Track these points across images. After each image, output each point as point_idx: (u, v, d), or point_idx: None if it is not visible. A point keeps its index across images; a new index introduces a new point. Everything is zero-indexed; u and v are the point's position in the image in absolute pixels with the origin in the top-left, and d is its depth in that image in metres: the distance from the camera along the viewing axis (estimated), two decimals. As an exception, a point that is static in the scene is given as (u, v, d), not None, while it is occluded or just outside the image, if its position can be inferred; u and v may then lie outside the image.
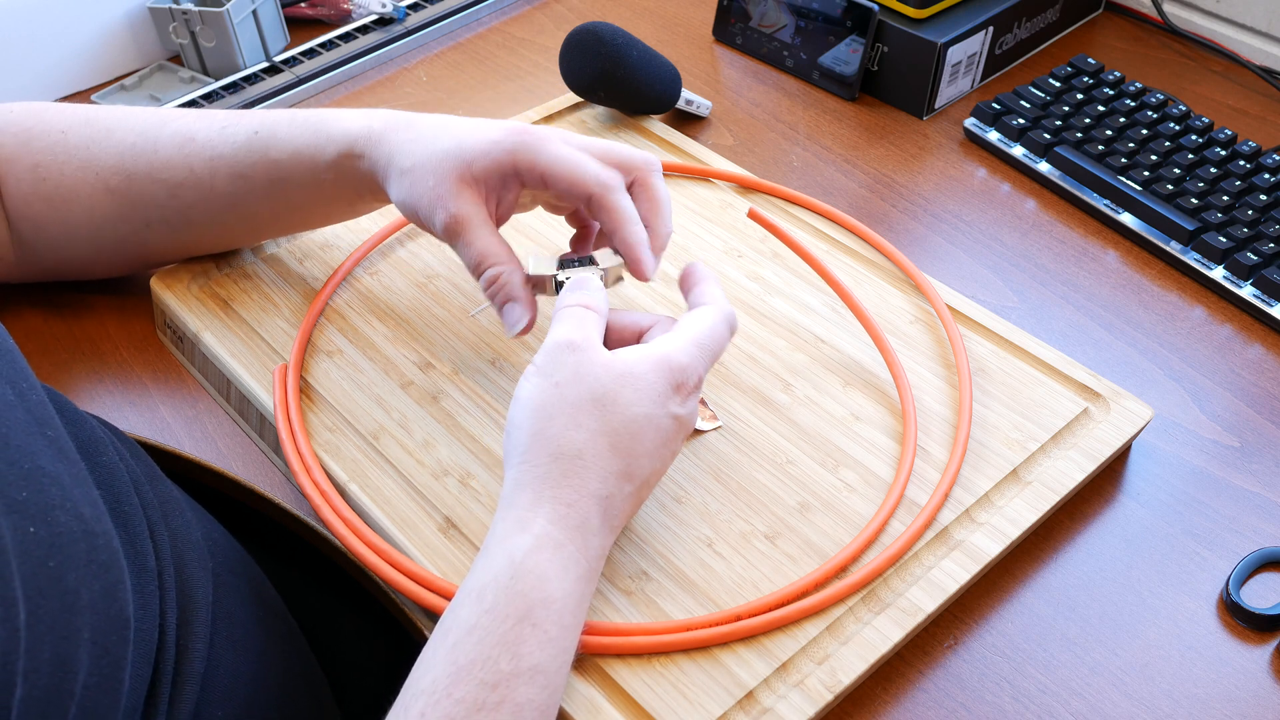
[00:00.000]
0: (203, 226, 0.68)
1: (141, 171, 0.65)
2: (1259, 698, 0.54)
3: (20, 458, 0.40)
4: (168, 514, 0.51)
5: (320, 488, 0.58)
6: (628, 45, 0.81)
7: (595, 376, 0.51)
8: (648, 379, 0.51)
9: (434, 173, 0.59)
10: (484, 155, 0.59)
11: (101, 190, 0.66)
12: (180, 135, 0.66)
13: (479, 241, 0.59)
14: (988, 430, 0.62)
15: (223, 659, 0.50)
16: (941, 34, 0.88)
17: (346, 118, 0.64)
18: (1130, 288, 0.76)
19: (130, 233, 0.68)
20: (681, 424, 0.53)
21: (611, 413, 0.50)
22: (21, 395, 0.44)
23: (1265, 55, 0.96)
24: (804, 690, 0.51)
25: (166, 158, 0.65)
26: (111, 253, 0.69)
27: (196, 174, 0.65)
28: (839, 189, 0.84)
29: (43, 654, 0.37)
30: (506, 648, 0.45)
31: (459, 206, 0.58)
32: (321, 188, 0.65)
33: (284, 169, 0.64)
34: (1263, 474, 0.64)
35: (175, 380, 0.68)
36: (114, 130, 0.66)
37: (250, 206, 0.66)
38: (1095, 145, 0.83)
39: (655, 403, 0.51)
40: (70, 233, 0.67)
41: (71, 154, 0.66)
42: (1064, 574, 0.59)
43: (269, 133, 0.64)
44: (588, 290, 0.56)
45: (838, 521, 0.58)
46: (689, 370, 0.52)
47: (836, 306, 0.69)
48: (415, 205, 0.60)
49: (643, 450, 0.51)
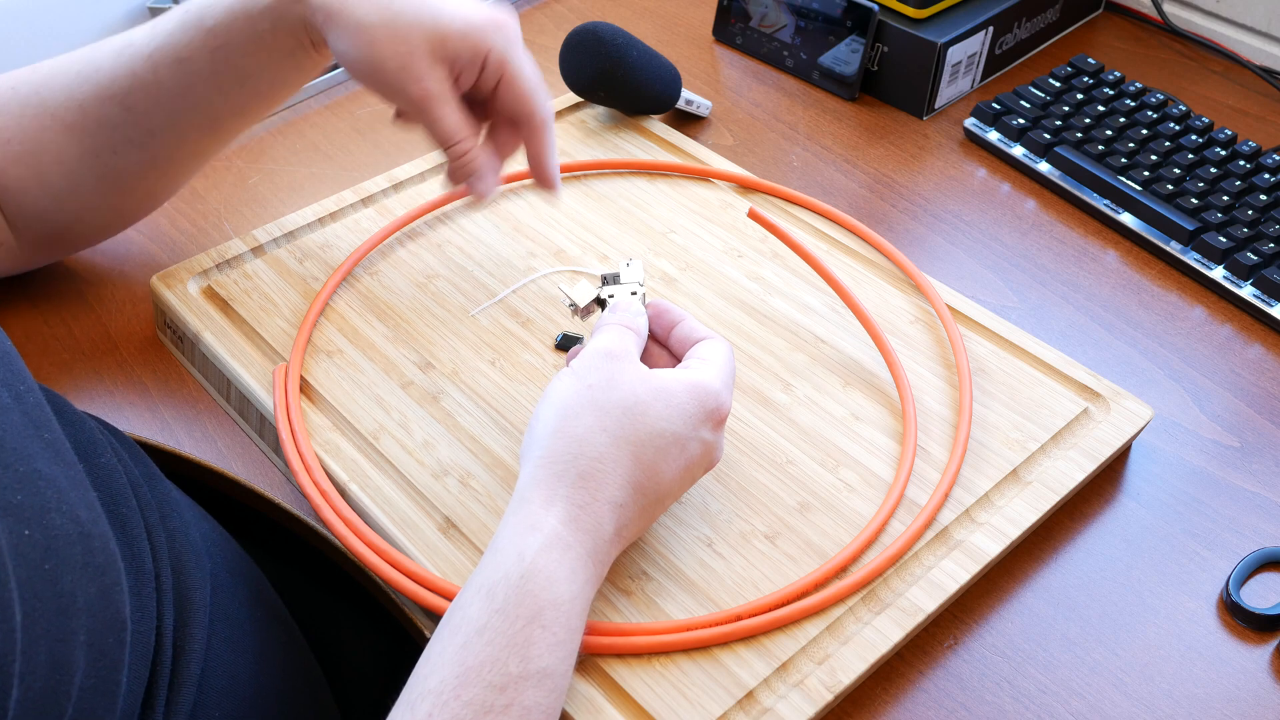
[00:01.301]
0: (165, 134, 0.66)
1: (90, 95, 0.64)
2: (1259, 698, 0.54)
3: (16, 460, 0.40)
4: (165, 515, 0.51)
5: (320, 488, 0.58)
6: (628, 45, 0.81)
7: (630, 386, 0.51)
8: (681, 398, 0.51)
9: (404, 39, 0.58)
10: (462, 35, 0.58)
11: (62, 131, 0.65)
12: (116, 44, 0.65)
13: (450, 117, 0.60)
14: (988, 430, 0.62)
15: (220, 660, 0.50)
16: (941, 34, 0.88)
17: None
18: (1130, 288, 0.76)
19: (103, 169, 0.66)
20: (708, 451, 0.53)
21: (640, 423, 0.50)
22: (18, 398, 0.44)
23: (1265, 55, 0.96)
24: (804, 690, 0.51)
25: (110, 71, 0.64)
26: (93, 198, 0.68)
27: (140, 75, 0.64)
28: (839, 189, 0.84)
29: (39, 656, 0.37)
30: (516, 650, 0.45)
31: (432, 81, 0.59)
32: (262, 45, 0.62)
33: (220, 35, 0.62)
34: (1263, 474, 0.64)
35: (175, 380, 0.68)
36: (57, 68, 0.65)
37: (199, 91, 0.64)
38: (1095, 145, 0.83)
39: (686, 423, 0.51)
40: (48, 189, 0.66)
41: (25, 106, 0.65)
42: (1064, 574, 0.59)
43: (199, 7, 0.63)
44: (629, 313, 0.56)
45: (838, 521, 0.58)
46: (722, 399, 0.52)
47: (836, 306, 0.69)
48: (376, 66, 0.59)
49: (665, 467, 0.50)
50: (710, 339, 0.56)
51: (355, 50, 0.59)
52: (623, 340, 0.53)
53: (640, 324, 0.56)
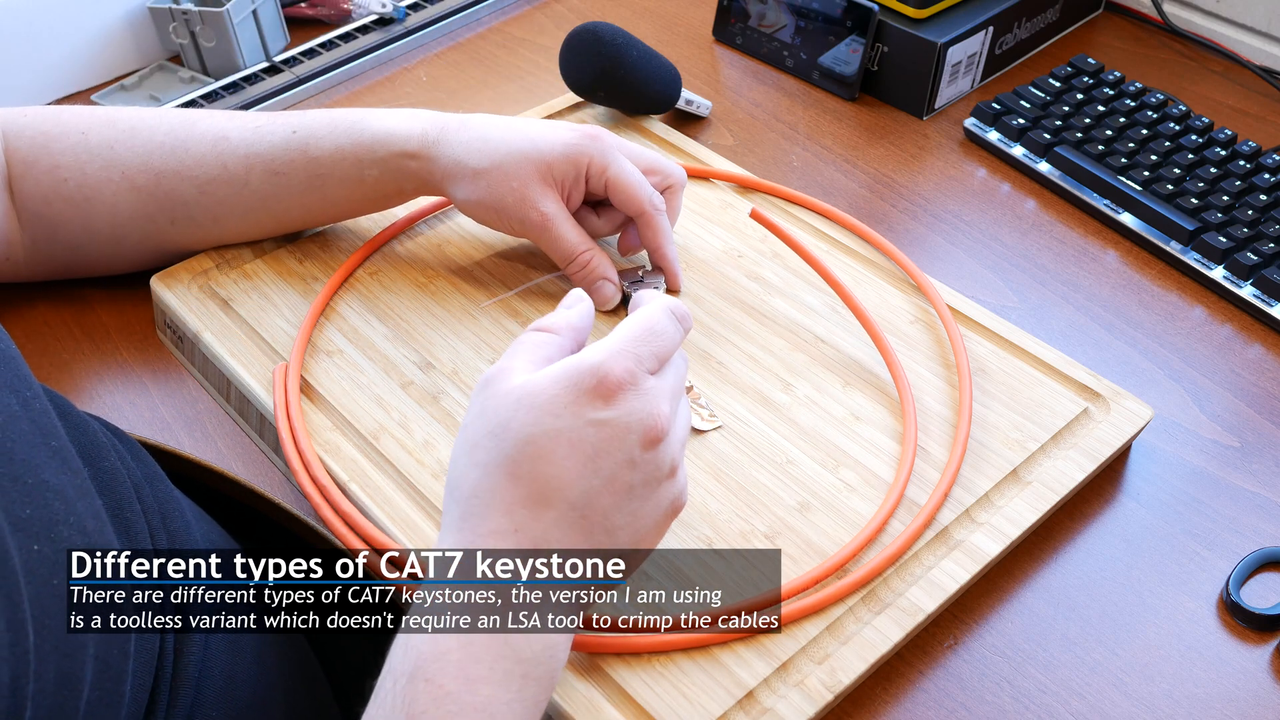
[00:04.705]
0: (230, 221, 0.69)
1: (170, 169, 0.66)
2: (1259, 698, 0.54)
3: (24, 472, 0.40)
4: (167, 517, 0.51)
5: (320, 487, 0.58)
6: (628, 45, 0.81)
7: (494, 408, 0.47)
8: (546, 394, 0.46)
9: (515, 175, 0.64)
10: (562, 159, 0.64)
11: (126, 189, 0.67)
12: (212, 133, 0.67)
13: (568, 235, 0.66)
14: (988, 430, 0.62)
15: (217, 661, 0.50)
16: (941, 34, 0.88)
17: (389, 118, 0.66)
18: (1130, 288, 0.76)
19: (154, 230, 0.68)
20: (616, 431, 0.47)
21: (506, 440, 0.46)
22: (25, 404, 0.44)
23: (1265, 55, 0.96)
24: (804, 690, 0.51)
25: (198, 155, 0.66)
26: (131, 249, 0.70)
27: (230, 170, 0.66)
28: (839, 189, 0.84)
29: (48, 675, 0.37)
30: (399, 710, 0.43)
31: (546, 205, 0.65)
32: (363, 185, 0.67)
33: (324, 166, 0.66)
34: (1263, 474, 0.64)
35: (175, 380, 0.68)
36: (138, 130, 0.67)
37: (284, 202, 0.68)
38: (1095, 145, 0.83)
39: (559, 416, 0.46)
40: (91, 231, 0.68)
41: (94, 154, 0.66)
42: (1064, 574, 0.59)
43: (307, 131, 0.66)
44: (558, 312, 0.52)
45: (838, 521, 0.58)
46: (607, 369, 0.47)
47: (836, 306, 0.69)
48: (496, 204, 0.65)
49: (556, 470, 0.46)
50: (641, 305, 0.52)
51: (476, 194, 0.65)
52: (509, 357, 0.49)
53: (561, 320, 0.51)
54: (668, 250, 0.68)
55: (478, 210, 0.66)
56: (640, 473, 0.47)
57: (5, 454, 0.40)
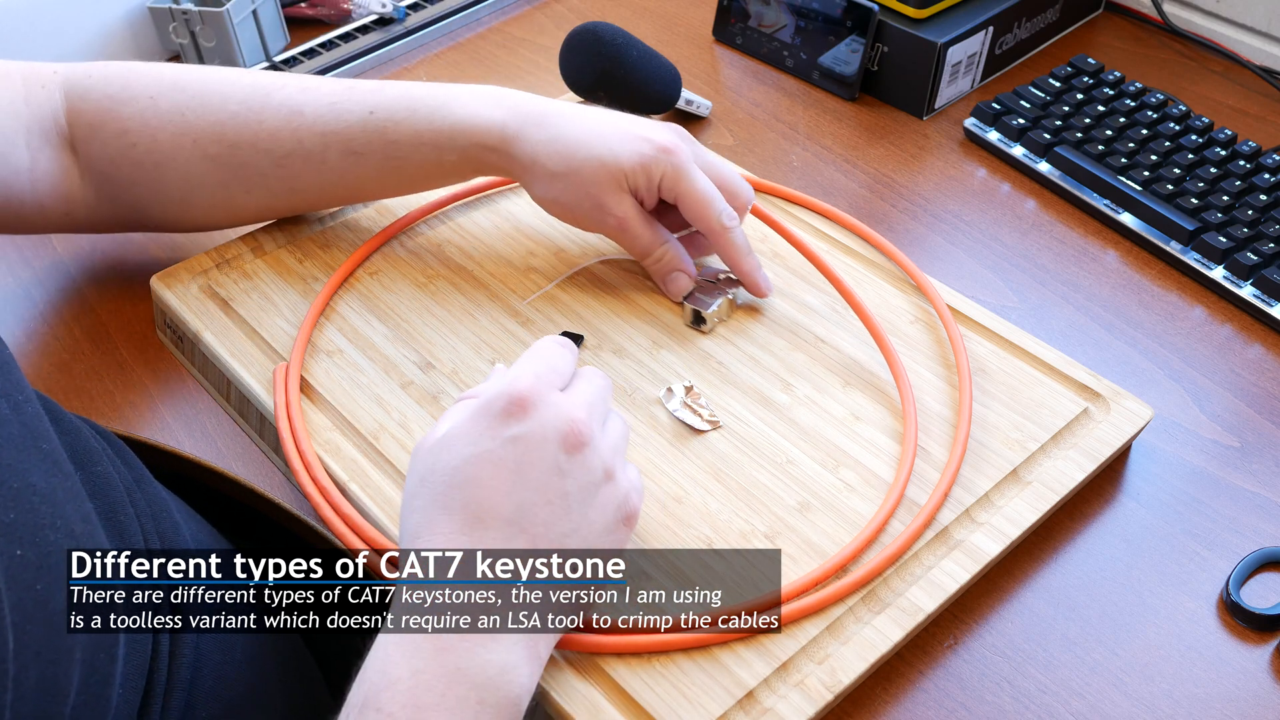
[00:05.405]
0: (306, 193, 0.69)
1: (246, 142, 0.66)
2: (1259, 698, 0.54)
3: (10, 477, 0.40)
4: (158, 518, 0.51)
5: (320, 487, 0.58)
6: (628, 45, 0.81)
7: (421, 459, 0.49)
8: (460, 429, 0.49)
9: (591, 181, 0.65)
10: (638, 169, 0.65)
11: (199, 157, 0.66)
12: (287, 108, 0.66)
13: (644, 234, 0.67)
14: (988, 430, 0.62)
15: (210, 662, 0.50)
16: (941, 34, 0.88)
17: (471, 103, 0.66)
18: (1130, 288, 0.76)
19: (227, 197, 0.68)
20: (532, 441, 0.48)
21: (434, 479, 0.48)
22: (16, 408, 0.44)
23: (1265, 55, 0.96)
24: (804, 690, 0.51)
25: (273, 129, 0.66)
26: (201, 213, 0.69)
27: (306, 147, 0.66)
28: (839, 189, 0.84)
29: (28, 681, 0.36)
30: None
31: (622, 210, 0.66)
32: (441, 167, 0.67)
33: (403, 149, 0.66)
34: (1263, 474, 0.64)
35: (175, 380, 0.68)
36: (208, 97, 0.66)
37: (361, 179, 0.68)
38: (1095, 145, 0.83)
39: (476, 442, 0.48)
40: (162, 193, 0.67)
41: (164, 120, 0.66)
42: (1064, 574, 0.59)
43: (386, 114, 0.66)
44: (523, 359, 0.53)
45: (838, 521, 0.58)
46: (511, 388, 0.49)
47: (837, 306, 0.69)
48: (572, 207, 0.66)
49: (485, 491, 0.47)
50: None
51: (552, 195, 0.66)
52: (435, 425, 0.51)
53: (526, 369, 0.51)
54: (744, 263, 0.68)
55: (553, 209, 0.67)
56: (572, 480, 0.49)
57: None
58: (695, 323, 0.67)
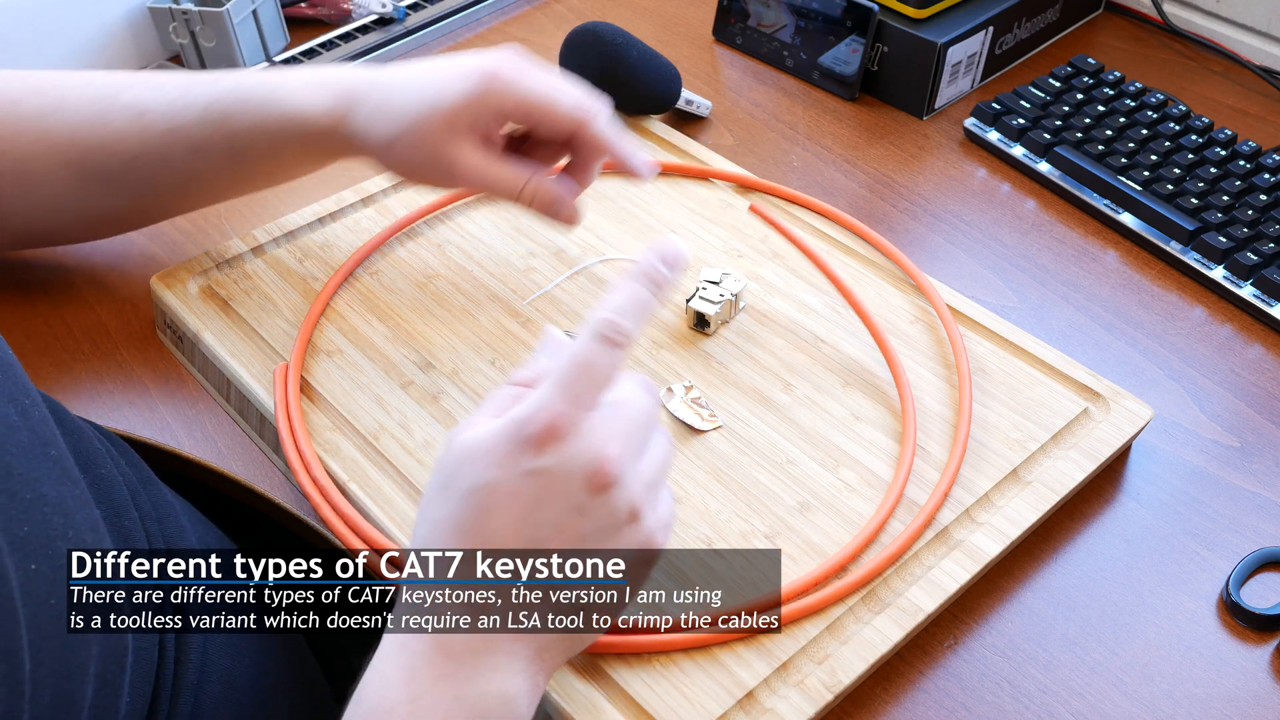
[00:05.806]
0: (164, 194, 0.67)
1: (95, 145, 0.64)
2: (1259, 698, 0.54)
3: (22, 488, 0.40)
4: (163, 521, 0.51)
5: (320, 487, 0.58)
6: (628, 45, 0.81)
7: (445, 462, 0.47)
8: (486, 445, 0.45)
9: (423, 139, 0.59)
10: (464, 107, 0.59)
11: (58, 164, 0.64)
12: (133, 108, 0.64)
13: (502, 173, 0.61)
14: (988, 430, 0.62)
15: (215, 665, 0.50)
16: (941, 34, 0.88)
17: (299, 91, 0.62)
18: (1130, 288, 0.76)
19: (92, 202, 0.66)
20: (554, 478, 0.45)
21: (451, 495, 0.46)
22: (24, 413, 0.43)
23: (1265, 55, 0.96)
24: (804, 690, 0.51)
25: (119, 131, 0.64)
26: (73, 220, 0.68)
27: (152, 146, 0.64)
28: (839, 189, 0.84)
29: (43, 700, 0.36)
30: None
31: (466, 157, 0.60)
32: (286, 158, 0.64)
33: (242, 141, 0.63)
34: (1263, 474, 0.64)
35: (175, 380, 0.68)
36: (66, 100, 0.64)
37: (213, 177, 0.66)
38: (1095, 145, 0.83)
39: (494, 467, 0.45)
40: (30, 204, 0.66)
41: (26, 125, 0.64)
42: (1064, 574, 0.59)
43: (222, 108, 0.63)
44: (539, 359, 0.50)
45: (838, 521, 0.58)
46: (536, 418, 0.44)
47: (837, 306, 0.69)
48: (418, 172, 0.61)
49: (498, 523, 0.45)
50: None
51: (394, 166, 0.62)
52: (475, 413, 0.48)
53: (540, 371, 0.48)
54: (619, 145, 0.61)
55: (412, 179, 0.63)
56: (591, 520, 0.46)
57: (3, 468, 0.40)
58: (698, 325, 0.67)
